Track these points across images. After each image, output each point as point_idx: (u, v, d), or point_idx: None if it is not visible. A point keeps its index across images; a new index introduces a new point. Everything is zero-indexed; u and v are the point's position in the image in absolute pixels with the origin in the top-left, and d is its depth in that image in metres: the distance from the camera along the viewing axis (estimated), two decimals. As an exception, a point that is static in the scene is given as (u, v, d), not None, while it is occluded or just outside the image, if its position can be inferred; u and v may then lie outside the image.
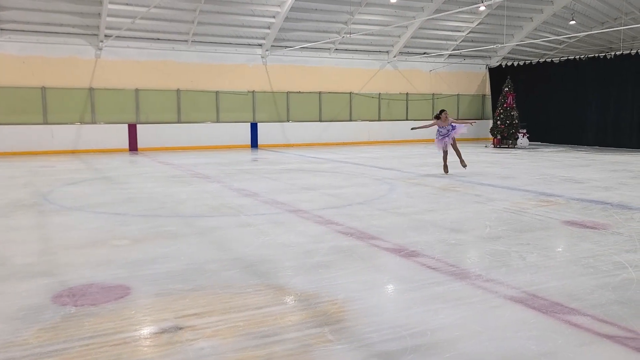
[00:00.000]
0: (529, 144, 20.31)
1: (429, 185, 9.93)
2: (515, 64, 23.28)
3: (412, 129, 12.51)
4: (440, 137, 11.42)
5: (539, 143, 21.66)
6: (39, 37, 17.31)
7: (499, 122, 19.98)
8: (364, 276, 4.56)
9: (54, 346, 3.17)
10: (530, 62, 22.63)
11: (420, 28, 21.47)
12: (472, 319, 3.61)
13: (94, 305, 3.84)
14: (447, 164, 11.56)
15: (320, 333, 3.36)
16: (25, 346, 3.17)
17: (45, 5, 16.43)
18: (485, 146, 20.78)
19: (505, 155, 16.77)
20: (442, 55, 23.54)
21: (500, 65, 24.21)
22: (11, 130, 17.01)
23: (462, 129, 11.48)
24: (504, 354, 3.10)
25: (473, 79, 25.28)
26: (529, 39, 22.78)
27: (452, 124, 11.45)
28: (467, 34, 22.65)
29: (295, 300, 3.96)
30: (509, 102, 19.93)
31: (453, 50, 23.24)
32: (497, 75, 23.86)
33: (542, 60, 22.43)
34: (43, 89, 17.52)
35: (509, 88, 20.01)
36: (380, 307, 3.85)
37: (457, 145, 11.61)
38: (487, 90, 25.47)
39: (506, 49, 24.09)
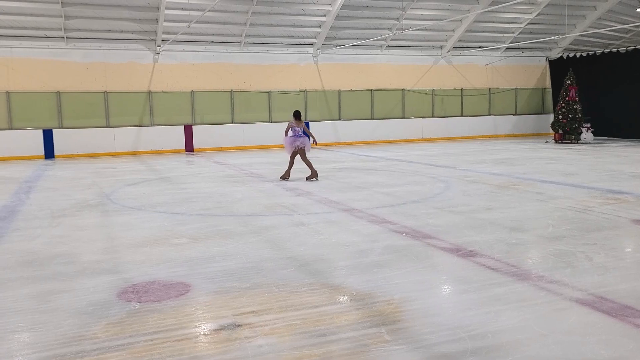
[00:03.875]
0: (594, 139, 19.38)
1: (486, 183, 9.66)
2: (578, 55, 22.27)
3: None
4: (292, 137, 10.32)
5: (605, 138, 20.62)
6: (100, 44, 18.09)
7: (560, 116, 19.17)
8: (421, 276, 4.47)
9: (121, 340, 3.29)
10: (594, 53, 21.57)
11: (475, 21, 20.92)
12: (535, 321, 3.47)
13: (156, 301, 3.96)
14: (291, 171, 10.59)
15: (377, 333, 3.32)
16: (94, 340, 3.31)
17: (107, 13, 17.15)
18: (546, 142, 20.00)
19: (567, 151, 16.08)
20: (499, 48, 22.84)
21: (562, 57, 23.23)
22: (77, 133, 17.87)
23: (308, 143, 10.37)
24: (571, 359, 2.95)
25: (532, 72, 24.39)
26: (592, 28, 21.72)
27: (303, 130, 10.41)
28: (526, 25, 21.87)
29: (350, 300, 3.94)
30: (571, 95, 19.07)
31: (510, 43, 22.51)
32: (558, 67, 22.91)
33: (607, 50, 21.33)
34: (105, 93, 18.31)
35: (571, 81, 19.14)
36: (438, 308, 3.77)
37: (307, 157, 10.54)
38: (547, 84, 24.51)
39: (567, 39, 23.08)
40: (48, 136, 17.41)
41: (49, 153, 17.43)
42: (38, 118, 17.58)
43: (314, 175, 10.48)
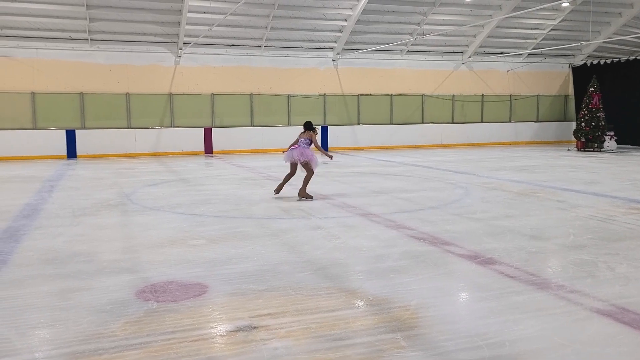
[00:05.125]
0: (617, 147, 19.04)
1: (506, 190, 9.55)
2: (602, 62, 21.93)
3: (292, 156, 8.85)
4: (295, 147, 8.81)
5: (628, 146, 20.25)
6: (124, 47, 18.36)
7: (583, 124, 18.87)
8: (438, 283, 4.44)
9: (139, 339, 3.32)
10: (619, 60, 21.22)
11: (497, 27, 20.76)
12: (555, 331, 3.42)
13: (174, 301, 3.99)
14: (285, 184, 9.02)
15: (393, 339, 3.30)
16: (113, 338, 3.35)
17: (130, 16, 17.42)
18: (568, 149, 19.72)
19: (590, 159, 15.82)
20: (521, 54, 22.62)
21: (585, 63, 22.90)
22: (98, 134, 18.14)
23: (314, 159, 8.76)
24: (591, 371, 2.90)
25: (554, 79, 24.08)
26: (617, 35, 21.37)
27: (308, 139, 8.88)
28: (549, 31, 21.63)
29: (367, 305, 3.92)
30: (594, 102, 18.77)
31: (533, 49, 22.27)
32: (582, 74, 22.59)
33: (631, 58, 20.97)
34: (127, 95, 18.56)
35: (595, 88, 18.85)
36: (455, 315, 3.73)
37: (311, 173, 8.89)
38: (570, 91, 24.17)
39: (591, 46, 22.75)
40: (71, 136, 17.72)
41: (72, 153, 17.73)
42: (61, 118, 17.90)
43: (303, 195, 8.74)
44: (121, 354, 3.12)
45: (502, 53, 22.31)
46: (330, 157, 9.67)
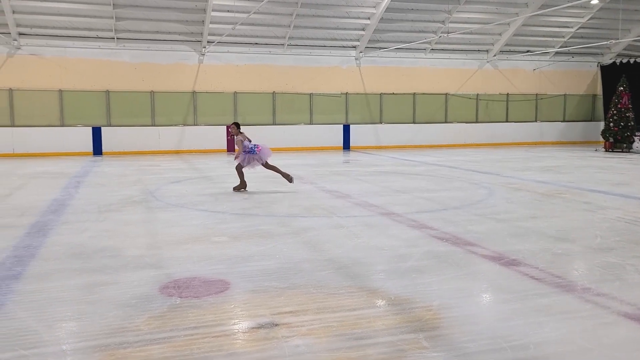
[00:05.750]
0: (646, 148, 18.61)
1: (531, 191, 9.41)
2: (632, 61, 21.42)
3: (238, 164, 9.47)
4: (249, 154, 9.29)
5: (658, 147, 19.75)
6: (149, 45, 18.61)
7: (611, 124, 18.47)
8: (461, 283, 4.39)
9: (162, 334, 3.36)
10: (649, 59, 20.72)
11: (523, 25, 20.44)
12: (580, 334, 3.36)
13: (196, 297, 4.03)
14: (282, 173, 9.56)
15: (415, 339, 3.28)
16: (137, 332, 3.40)
17: (156, 15, 17.64)
18: (596, 150, 19.33)
19: (618, 160, 15.48)
20: (548, 53, 22.24)
21: (614, 62, 22.41)
22: (123, 131, 18.43)
23: (268, 153, 9.47)
24: (618, 376, 2.84)
25: (582, 78, 23.61)
26: (647, 33, 20.88)
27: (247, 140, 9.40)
28: (577, 29, 21.22)
29: (388, 304, 3.91)
30: (624, 102, 18.36)
31: (560, 47, 21.88)
32: (611, 73, 22.09)
33: (662, 56, 20.46)
34: (152, 93, 18.81)
35: (624, 87, 18.43)
36: (478, 317, 3.69)
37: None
38: (599, 90, 23.68)
39: (621, 45, 22.25)
40: (97, 133, 18.05)
41: (97, 150, 18.06)
42: (88, 116, 18.24)
43: (242, 187, 9.41)
44: (145, 348, 3.16)
45: (528, 52, 21.96)
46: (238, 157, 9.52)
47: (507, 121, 22.63)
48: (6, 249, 5.51)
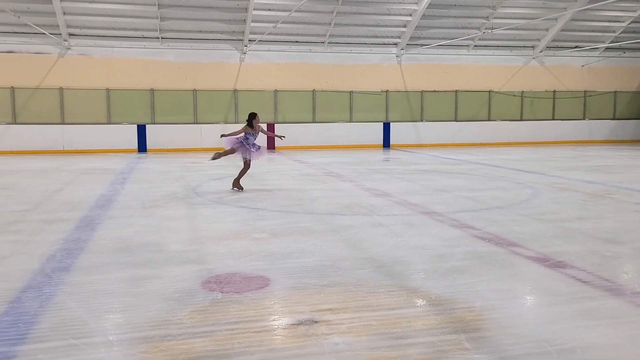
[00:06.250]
0: (702, 147, 17.72)
1: (578, 191, 9.10)
2: (687, 55, 20.43)
3: (221, 136, 9.55)
4: (250, 146, 9.23)
5: None
6: (192, 44, 18.99)
7: (663, 121, 17.67)
8: (504, 284, 4.29)
9: (204, 328, 3.43)
10: None
11: (571, 20, 19.79)
12: (631, 340, 3.22)
13: (237, 293, 4.09)
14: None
15: (457, 340, 3.23)
16: (180, 325, 3.48)
17: (199, 15, 17.98)
18: (646, 149, 18.54)
19: (671, 159, 14.80)
20: (598, 48, 21.44)
21: (668, 57, 21.43)
22: (167, 129, 18.88)
23: (263, 154, 9.55)
24: (673, 386, 2.71)
25: (634, 74, 22.67)
26: None
27: (260, 132, 9.43)
28: (629, 24, 20.38)
29: (429, 304, 3.86)
30: (677, 99, 17.53)
31: (611, 42, 21.05)
32: (663, 69, 21.14)
33: None
34: (194, 91, 19.18)
35: (677, 83, 17.60)
36: (522, 319, 3.60)
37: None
38: (651, 87, 22.71)
39: (675, 39, 21.25)
40: (141, 131, 18.55)
41: (142, 147, 18.56)
42: (133, 114, 18.78)
43: (238, 185, 9.36)
44: (188, 341, 3.23)
45: (576, 47, 21.24)
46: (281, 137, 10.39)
47: (553, 119, 21.98)
48: (57, 242, 5.73)
